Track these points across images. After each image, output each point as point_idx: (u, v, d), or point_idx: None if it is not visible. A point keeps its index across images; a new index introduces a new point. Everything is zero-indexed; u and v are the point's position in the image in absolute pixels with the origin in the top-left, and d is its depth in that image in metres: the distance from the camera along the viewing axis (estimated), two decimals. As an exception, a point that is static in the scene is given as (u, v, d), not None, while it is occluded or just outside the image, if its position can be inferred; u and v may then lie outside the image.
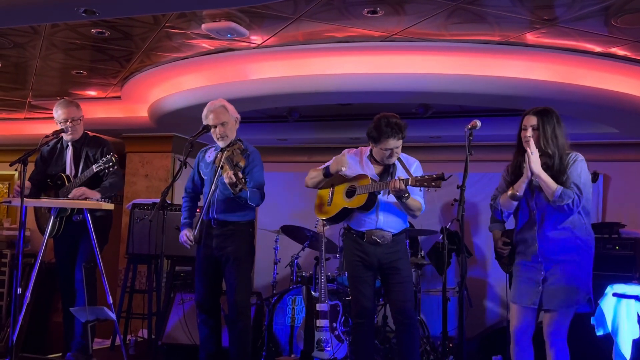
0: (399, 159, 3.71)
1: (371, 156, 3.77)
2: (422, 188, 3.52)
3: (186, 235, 3.91)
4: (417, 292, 5.16)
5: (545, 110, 3.21)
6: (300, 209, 6.55)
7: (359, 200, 3.62)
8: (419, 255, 5.40)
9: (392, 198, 3.60)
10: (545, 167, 3.16)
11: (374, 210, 3.65)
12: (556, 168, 3.15)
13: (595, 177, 4.06)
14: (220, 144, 3.91)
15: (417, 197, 3.62)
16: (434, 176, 3.24)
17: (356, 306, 3.77)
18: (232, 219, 3.90)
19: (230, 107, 3.96)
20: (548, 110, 3.22)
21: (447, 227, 4.70)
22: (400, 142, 3.61)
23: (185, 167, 3.81)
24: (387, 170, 3.73)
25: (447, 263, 4.26)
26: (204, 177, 4.02)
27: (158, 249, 3.83)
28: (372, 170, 3.73)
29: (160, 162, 7.07)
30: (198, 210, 4.19)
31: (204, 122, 3.93)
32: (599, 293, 3.80)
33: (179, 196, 6.75)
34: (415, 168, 3.75)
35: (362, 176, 3.68)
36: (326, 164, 3.85)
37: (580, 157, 3.21)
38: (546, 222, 3.21)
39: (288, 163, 7.55)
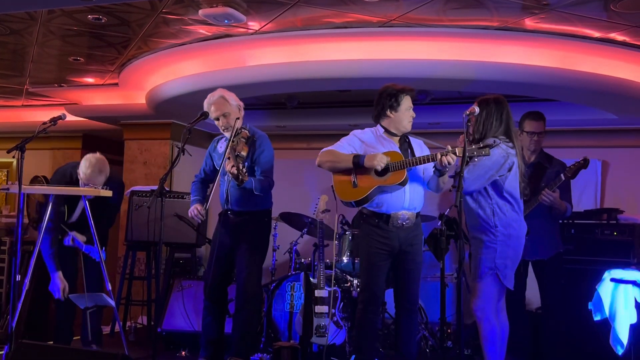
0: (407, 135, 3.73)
1: (387, 132, 3.68)
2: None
3: (197, 209, 3.87)
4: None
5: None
6: (298, 196, 6.54)
7: (396, 177, 3.49)
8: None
9: (416, 174, 3.58)
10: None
11: (404, 189, 3.56)
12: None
13: (585, 163, 4.09)
14: (227, 134, 3.90)
15: None
16: (481, 144, 3.18)
17: (367, 293, 3.71)
18: (247, 209, 3.90)
19: (230, 96, 3.92)
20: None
21: (446, 213, 4.71)
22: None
23: (183, 154, 3.79)
24: (404, 145, 3.69)
25: (445, 249, 4.28)
26: (218, 168, 4.00)
27: (157, 236, 3.84)
28: (392, 145, 3.65)
29: (158, 149, 7.06)
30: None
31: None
32: (597, 278, 3.82)
33: (177, 183, 6.77)
34: (421, 145, 3.77)
35: (392, 152, 3.55)
36: (341, 144, 3.69)
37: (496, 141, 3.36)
38: None
39: (287, 150, 7.51)
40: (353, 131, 3.78)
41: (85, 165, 4.18)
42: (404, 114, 3.62)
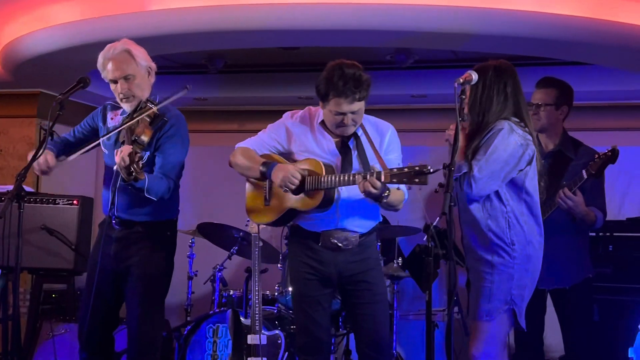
0: (363, 128, 3.70)
1: (324, 124, 3.74)
2: None
3: (47, 158, 3.75)
4: (392, 315, 5.21)
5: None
6: (225, 198, 6.52)
7: (311, 199, 3.60)
8: (396, 264, 5.44)
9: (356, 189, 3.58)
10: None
11: (334, 206, 3.64)
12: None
13: (613, 155, 4.11)
14: (126, 107, 3.83)
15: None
16: (416, 168, 3.18)
17: (304, 338, 3.78)
18: (141, 218, 3.85)
19: (140, 52, 3.85)
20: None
21: (434, 224, 4.73)
22: (359, 105, 3.57)
23: (52, 139, 3.73)
24: (345, 147, 3.70)
25: (433, 275, 4.29)
26: (104, 150, 3.95)
27: (13, 258, 3.75)
28: (329, 144, 3.71)
29: (19, 131, 7.01)
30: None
31: (102, 75, 3.83)
32: (637, 313, 3.91)
33: (46, 181, 6.65)
34: (389, 141, 3.75)
35: (311, 162, 3.64)
36: (260, 138, 3.80)
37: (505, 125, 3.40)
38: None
39: (209, 133, 7.52)
40: (285, 115, 3.84)
41: None
42: (328, 116, 3.64)
